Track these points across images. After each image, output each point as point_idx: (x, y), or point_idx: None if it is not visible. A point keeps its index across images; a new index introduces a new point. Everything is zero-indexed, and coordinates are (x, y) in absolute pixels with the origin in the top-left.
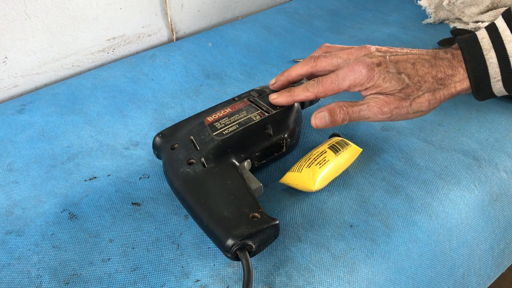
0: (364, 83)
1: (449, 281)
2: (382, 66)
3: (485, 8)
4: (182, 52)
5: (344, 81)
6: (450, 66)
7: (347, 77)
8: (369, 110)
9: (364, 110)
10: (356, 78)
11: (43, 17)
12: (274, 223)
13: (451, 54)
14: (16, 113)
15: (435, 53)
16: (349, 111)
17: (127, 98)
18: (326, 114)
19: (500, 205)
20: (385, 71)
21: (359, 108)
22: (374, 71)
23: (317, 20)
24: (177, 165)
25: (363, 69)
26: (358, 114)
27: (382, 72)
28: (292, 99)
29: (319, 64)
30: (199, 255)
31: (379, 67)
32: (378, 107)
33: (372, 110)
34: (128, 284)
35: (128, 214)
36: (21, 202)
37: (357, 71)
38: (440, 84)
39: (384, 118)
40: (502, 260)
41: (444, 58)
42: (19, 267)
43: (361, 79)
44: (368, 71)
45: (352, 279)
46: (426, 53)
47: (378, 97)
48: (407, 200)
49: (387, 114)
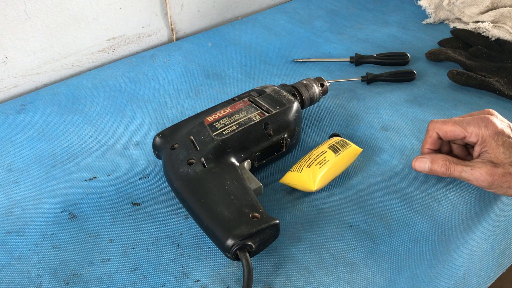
0: (485, 137)
1: (450, 281)
2: (507, 127)
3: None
4: (182, 52)
5: (469, 126)
6: None
7: (472, 123)
8: (472, 174)
9: (467, 172)
10: (480, 129)
11: (43, 17)
12: (274, 223)
13: None
14: (16, 113)
15: None
16: (451, 167)
17: (127, 98)
18: (427, 161)
19: (501, 205)
20: (508, 135)
21: (462, 168)
22: (498, 133)
23: (317, 20)
24: (177, 165)
25: (489, 124)
26: (459, 174)
27: (505, 135)
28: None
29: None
30: (199, 255)
31: (505, 128)
32: (481, 174)
33: (474, 175)
34: (128, 284)
35: (128, 214)
36: (21, 202)
37: (483, 122)
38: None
39: (484, 186)
40: (502, 260)
41: None
42: (19, 267)
43: (484, 133)
44: (490, 128)
45: (352, 279)
46: None
47: (485, 163)
48: (407, 200)
49: (489, 183)
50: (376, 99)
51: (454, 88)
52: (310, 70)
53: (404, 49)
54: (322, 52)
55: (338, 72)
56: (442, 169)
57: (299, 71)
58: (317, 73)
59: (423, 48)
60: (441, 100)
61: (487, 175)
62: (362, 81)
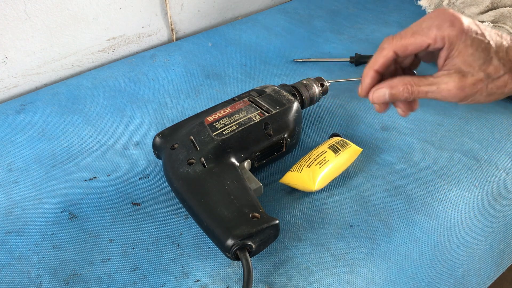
0: (452, 38)
1: (449, 281)
2: (474, 24)
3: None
4: (182, 52)
5: (430, 31)
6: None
7: (434, 26)
8: (439, 92)
9: (433, 92)
10: (445, 30)
11: (43, 17)
12: (274, 223)
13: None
14: (16, 113)
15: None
16: (415, 90)
17: (127, 98)
18: (386, 91)
19: (500, 205)
20: (477, 32)
21: (427, 88)
22: (465, 31)
23: (317, 20)
24: (177, 165)
25: (455, 21)
26: (424, 95)
27: (474, 32)
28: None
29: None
30: (199, 255)
31: (472, 25)
32: (449, 90)
33: (442, 92)
34: (128, 284)
35: (128, 214)
36: (21, 202)
37: (447, 22)
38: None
39: (457, 98)
40: (502, 260)
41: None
42: (19, 267)
43: (450, 33)
44: (457, 25)
45: (352, 279)
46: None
47: (452, 75)
48: (407, 200)
49: (460, 98)
50: None
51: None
52: (310, 70)
53: None
54: (322, 52)
55: (338, 72)
56: (405, 94)
57: (299, 71)
58: (317, 73)
59: None
60: None
61: (456, 90)
62: None
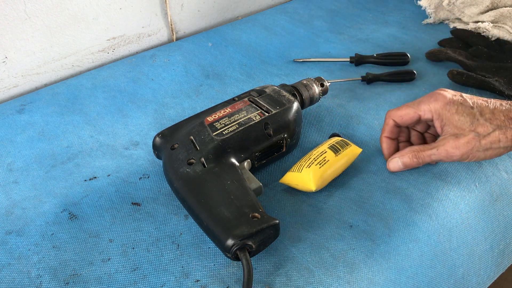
0: (438, 110)
1: (449, 281)
2: (457, 96)
3: (485, 8)
4: (182, 52)
5: (420, 105)
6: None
7: (423, 101)
8: (440, 154)
9: (435, 154)
10: (431, 104)
11: (43, 17)
12: (274, 223)
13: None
14: (16, 113)
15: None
16: (420, 156)
17: (127, 98)
18: (398, 160)
19: (500, 205)
20: (459, 102)
21: (430, 152)
22: (448, 104)
23: (317, 20)
24: (177, 165)
25: (439, 97)
26: (429, 159)
27: (457, 103)
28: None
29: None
30: (199, 255)
31: (455, 97)
32: (447, 151)
33: (442, 154)
34: (128, 284)
35: (128, 214)
36: (21, 202)
37: (432, 97)
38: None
39: (457, 160)
40: (502, 260)
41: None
42: (19, 267)
43: (435, 107)
44: (440, 99)
45: (352, 279)
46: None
47: (448, 138)
48: (407, 200)
49: (458, 156)
50: (376, 99)
51: (454, 88)
52: (310, 70)
53: (404, 49)
54: (322, 52)
55: (338, 72)
56: (414, 160)
57: (299, 71)
58: (317, 73)
59: (423, 48)
60: None
61: (453, 149)
62: (362, 81)
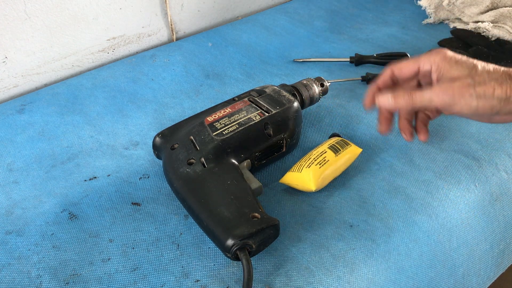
0: (437, 61)
1: (449, 281)
2: (457, 55)
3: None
4: (182, 52)
5: (420, 58)
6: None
7: (424, 55)
8: (432, 93)
9: (427, 93)
10: (432, 57)
11: (43, 17)
12: (274, 223)
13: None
14: (16, 113)
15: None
16: (413, 93)
17: (127, 98)
18: (389, 94)
19: (500, 205)
20: (460, 57)
21: (423, 93)
22: (449, 56)
23: (317, 20)
24: (177, 165)
25: (440, 51)
26: (421, 97)
27: (457, 57)
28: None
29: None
30: (199, 255)
31: (456, 54)
32: (440, 90)
33: (435, 91)
34: (128, 284)
35: (128, 214)
36: (21, 202)
37: (434, 52)
38: (509, 78)
39: (447, 100)
40: (502, 260)
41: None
42: (19, 267)
43: (435, 58)
44: (441, 53)
45: (352, 279)
46: None
47: (443, 83)
48: (407, 200)
49: (450, 96)
50: None
51: None
52: (310, 70)
53: (404, 49)
54: (322, 52)
55: (338, 72)
56: (406, 99)
57: (299, 71)
58: (317, 73)
59: (423, 48)
60: None
61: (446, 89)
62: (362, 81)
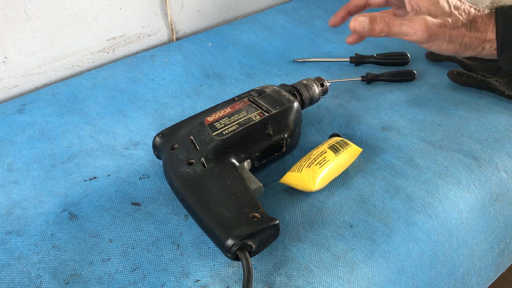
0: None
1: (449, 281)
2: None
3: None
4: (182, 52)
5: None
6: (488, 17)
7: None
8: (411, 27)
9: (406, 24)
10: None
11: (43, 17)
12: (274, 223)
13: (490, 12)
14: (16, 113)
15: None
16: (390, 22)
17: (127, 98)
18: (366, 19)
19: (500, 205)
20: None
21: (401, 22)
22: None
23: (317, 20)
24: (177, 165)
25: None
26: (398, 28)
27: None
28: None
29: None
30: (199, 255)
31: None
32: (420, 25)
33: (414, 26)
34: (128, 284)
35: (128, 214)
36: (21, 202)
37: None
38: (475, 27)
39: (423, 39)
40: (502, 260)
41: (485, 11)
42: (19, 267)
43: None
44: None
45: (352, 279)
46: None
47: (422, 16)
48: (407, 200)
49: (428, 34)
50: (376, 99)
51: (454, 88)
52: (310, 70)
53: (404, 49)
54: (322, 52)
55: (338, 72)
56: (382, 26)
57: (299, 71)
58: (317, 73)
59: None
60: (441, 100)
61: (426, 26)
62: (362, 81)
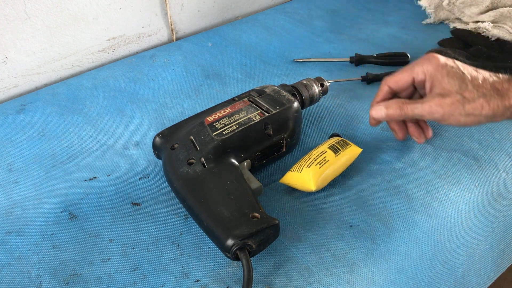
0: (430, 71)
1: (449, 281)
2: (450, 61)
3: (485, 8)
4: (182, 52)
5: (414, 67)
6: (508, 81)
7: (417, 64)
8: (423, 109)
9: (418, 108)
10: (424, 66)
11: (43, 17)
12: (274, 223)
13: (509, 77)
14: (16, 113)
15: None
16: (404, 107)
17: (127, 98)
18: (383, 107)
19: (500, 205)
20: (451, 66)
21: (414, 106)
22: (441, 65)
23: (317, 20)
24: (177, 165)
25: (432, 59)
26: (412, 112)
27: (449, 66)
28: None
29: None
30: (199, 255)
31: (448, 61)
32: (430, 107)
33: (425, 109)
34: (128, 284)
35: (128, 214)
36: (21, 202)
37: (427, 60)
38: (497, 94)
39: (438, 118)
40: (502, 260)
41: (505, 77)
42: (19, 267)
43: (428, 68)
44: (433, 61)
45: (352, 279)
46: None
47: (434, 97)
48: (407, 200)
49: (441, 114)
50: None
51: None
52: (310, 70)
53: (404, 49)
54: (322, 52)
55: (338, 72)
56: (397, 111)
57: (299, 71)
58: (317, 73)
59: (423, 48)
60: None
61: (436, 107)
62: (362, 81)
